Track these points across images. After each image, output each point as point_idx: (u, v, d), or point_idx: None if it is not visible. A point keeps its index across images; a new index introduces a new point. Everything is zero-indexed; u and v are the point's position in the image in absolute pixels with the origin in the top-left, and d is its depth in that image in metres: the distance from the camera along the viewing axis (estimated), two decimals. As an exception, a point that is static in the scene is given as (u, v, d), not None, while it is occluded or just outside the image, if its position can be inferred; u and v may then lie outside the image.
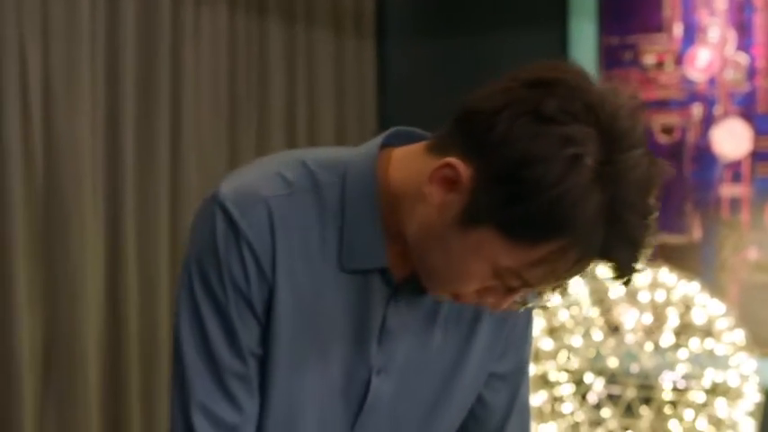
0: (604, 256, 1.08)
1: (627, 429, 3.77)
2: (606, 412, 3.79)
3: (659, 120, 5.26)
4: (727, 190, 5.13)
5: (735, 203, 5.12)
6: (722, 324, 3.68)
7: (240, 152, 4.81)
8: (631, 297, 3.67)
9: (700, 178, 5.16)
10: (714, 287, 3.82)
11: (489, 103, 1.08)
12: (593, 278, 3.75)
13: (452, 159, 1.09)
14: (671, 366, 3.72)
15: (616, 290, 3.63)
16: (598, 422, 3.79)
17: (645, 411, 3.75)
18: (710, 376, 3.68)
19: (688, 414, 3.70)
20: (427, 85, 5.98)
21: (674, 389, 3.76)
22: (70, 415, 3.93)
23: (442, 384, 1.29)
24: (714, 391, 3.69)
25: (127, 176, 4.21)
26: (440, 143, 1.16)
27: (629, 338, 3.72)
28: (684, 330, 3.68)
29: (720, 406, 3.66)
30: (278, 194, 1.15)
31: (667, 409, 3.74)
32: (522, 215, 1.03)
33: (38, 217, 3.93)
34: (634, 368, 3.79)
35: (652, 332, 3.70)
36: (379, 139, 1.22)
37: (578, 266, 1.11)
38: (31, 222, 3.88)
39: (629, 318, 3.66)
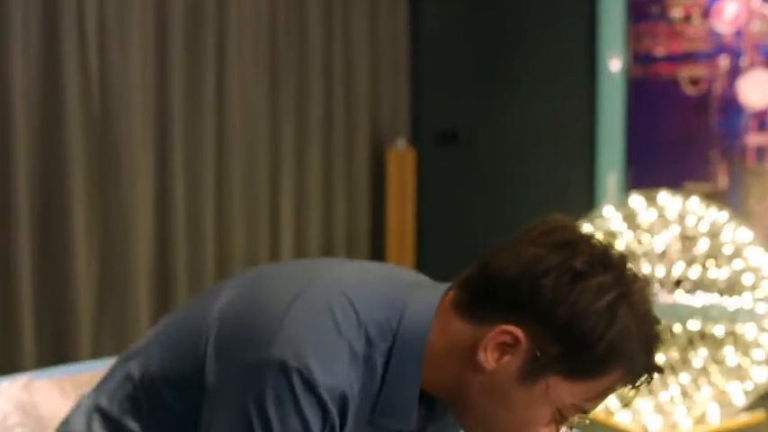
0: (648, 370, 1.24)
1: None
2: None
3: (686, 72, 5.40)
4: (753, 139, 5.26)
5: (760, 152, 5.25)
6: (750, 250, 3.80)
7: (280, 98, 5.02)
8: (662, 224, 3.80)
9: (726, 128, 5.29)
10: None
11: (527, 271, 1.22)
12: (625, 206, 3.90)
13: (509, 327, 1.21)
14: (701, 292, 3.85)
15: (647, 215, 3.78)
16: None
17: (675, 338, 3.88)
18: (738, 302, 3.80)
19: (716, 340, 3.83)
20: (458, 41, 6.14)
21: (703, 316, 3.87)
22: (123, 339, 4.13)
23: None
24: (741, 316, 3.80)
25: (175, 115, 4.44)
26: (473, 309, 1.27)
27: (660, 272, 3.84)
28: (713, 257, 3.80)
29: (749, 330, 3.78)
30: (350, 375, 1.24)
31: (696, 337, 3.86)
32: (583, 361, 1.20)
33: (93, 154, 4.15)
34: (664, 297, 3.92)
35: (681, 259, 3.82)
36: (433, 307, 1.29)
37: (625, 386, 1.27)
38: (88, 160, 4.10)
39: (660, 243, 3.79)
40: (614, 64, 5.57)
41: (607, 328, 1.17)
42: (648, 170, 5.25)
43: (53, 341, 3.93)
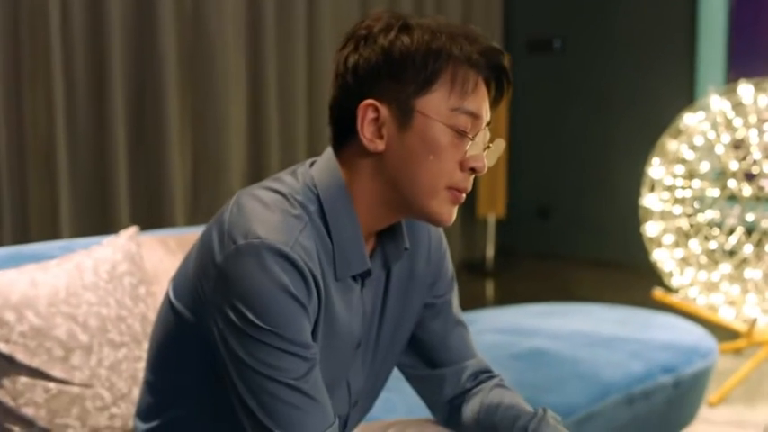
0: (482, 57, 1.35)
1: (760, 260, 3.77)
2: (738, 240, 3.79)
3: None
4: None
5: None
6: None
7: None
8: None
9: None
10: None
11: (339, 70, 1.37)
12: (733, 93, 3.74)
13: (361, 104, 1.34)
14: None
15: (757, 103, 3.62)
16: (733, 251, 3.80)
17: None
18: None
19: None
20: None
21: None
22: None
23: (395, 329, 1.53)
24: None
25: (267, 9, 4.41)
26: (341, 133, 1.38)
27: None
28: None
29: None
30: (304, 239, 1.30)
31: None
32: (418, 70, 1.32)
33: (186, 46, 4.15)
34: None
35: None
36: (331, 158, 1.39)
37: (483, 87, 1.37)
38: (180, 52, 4.10)
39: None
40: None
41: (407, 43, 1.32)
42: (752, 70, 5.04)
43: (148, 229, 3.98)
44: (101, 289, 1.95)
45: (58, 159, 3.75)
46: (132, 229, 2.14)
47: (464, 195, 1.38)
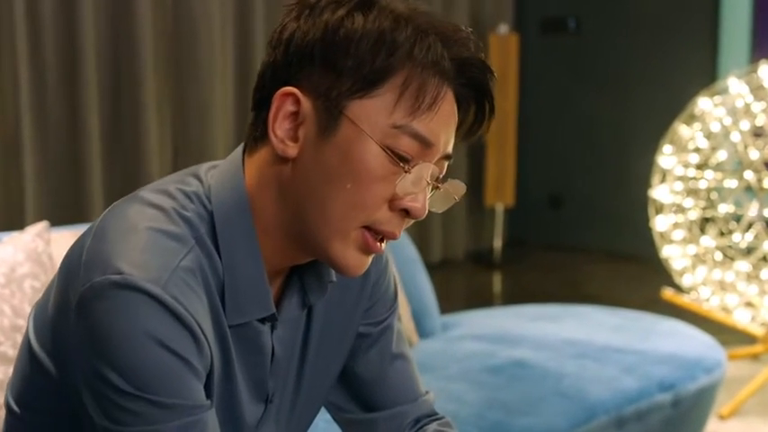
0: (456, 66, 1.04)
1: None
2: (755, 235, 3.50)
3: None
4: None
5: None
6: None
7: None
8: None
9: None
10: None
11: (273, 41, 1.07)
12: (753, 75, 3.45)
13: (278, 91, 1.04)
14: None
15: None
16: (751, 248, 3.51)
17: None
18: None
19: None
20: None
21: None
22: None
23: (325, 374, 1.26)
24: None
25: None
26: (257, 126, 1.08)
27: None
28: None
29: None
30: (180, 264, 1.01)
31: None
32: (358, 65, 1.02)
33: (166, 29, 3.91)
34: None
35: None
36: (237, 158, 1.09)
37: (448, 107, 1.05)
38: (160, 37, 3.86)
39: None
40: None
41: (358, 25, 1.02)
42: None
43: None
44: (-6, 295, 1.69)
45: (24, 146, 3.54)
46: (41, 225, 1.87)
47: (382, 244, 1.06)
